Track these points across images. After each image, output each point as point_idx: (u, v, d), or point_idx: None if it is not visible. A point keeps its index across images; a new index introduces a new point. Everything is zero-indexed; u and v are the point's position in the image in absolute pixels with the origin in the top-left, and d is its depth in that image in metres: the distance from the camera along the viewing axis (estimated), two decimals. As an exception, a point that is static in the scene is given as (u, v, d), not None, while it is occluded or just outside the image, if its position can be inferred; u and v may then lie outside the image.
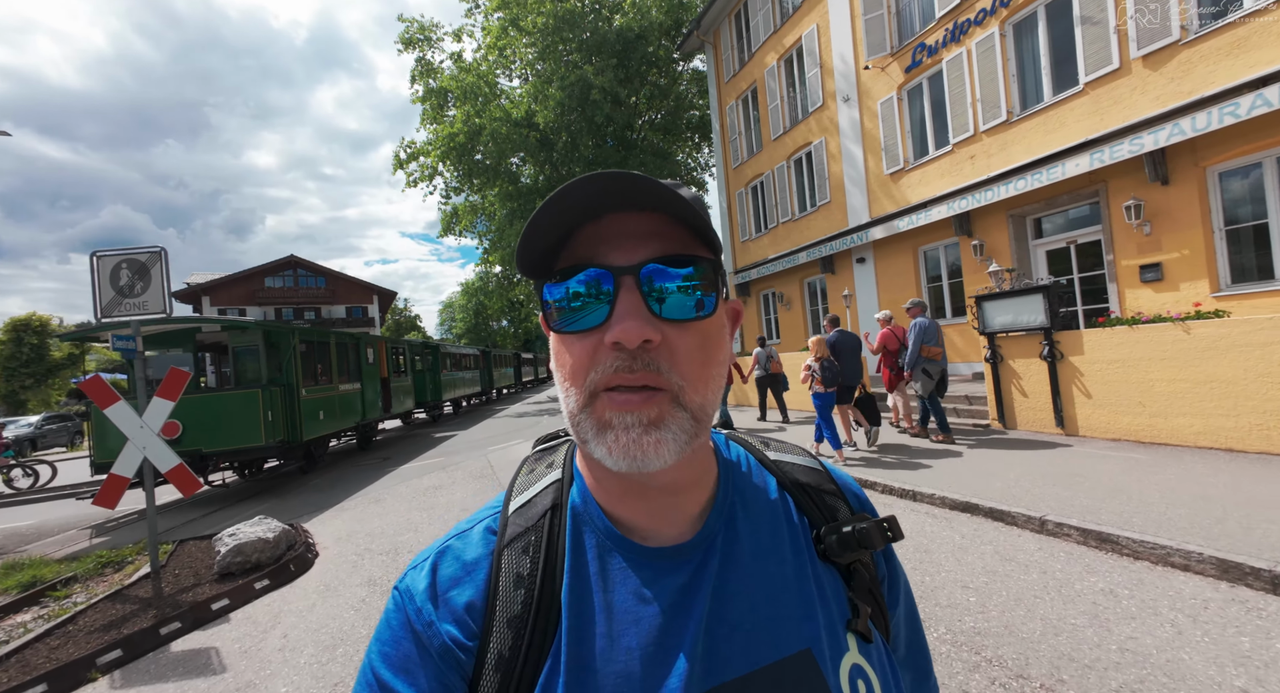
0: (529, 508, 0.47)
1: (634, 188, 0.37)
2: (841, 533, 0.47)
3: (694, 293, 0.40)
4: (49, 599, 4.41)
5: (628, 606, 0.42)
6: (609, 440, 0.39)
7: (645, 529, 0.45)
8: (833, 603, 0.46)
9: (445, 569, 0.45)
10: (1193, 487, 3.65)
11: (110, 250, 4.27)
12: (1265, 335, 4.12)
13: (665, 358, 0.39)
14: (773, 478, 0.52)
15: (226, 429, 7.06)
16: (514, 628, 0.41)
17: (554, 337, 0.43)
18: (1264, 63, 5.88)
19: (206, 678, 2.81)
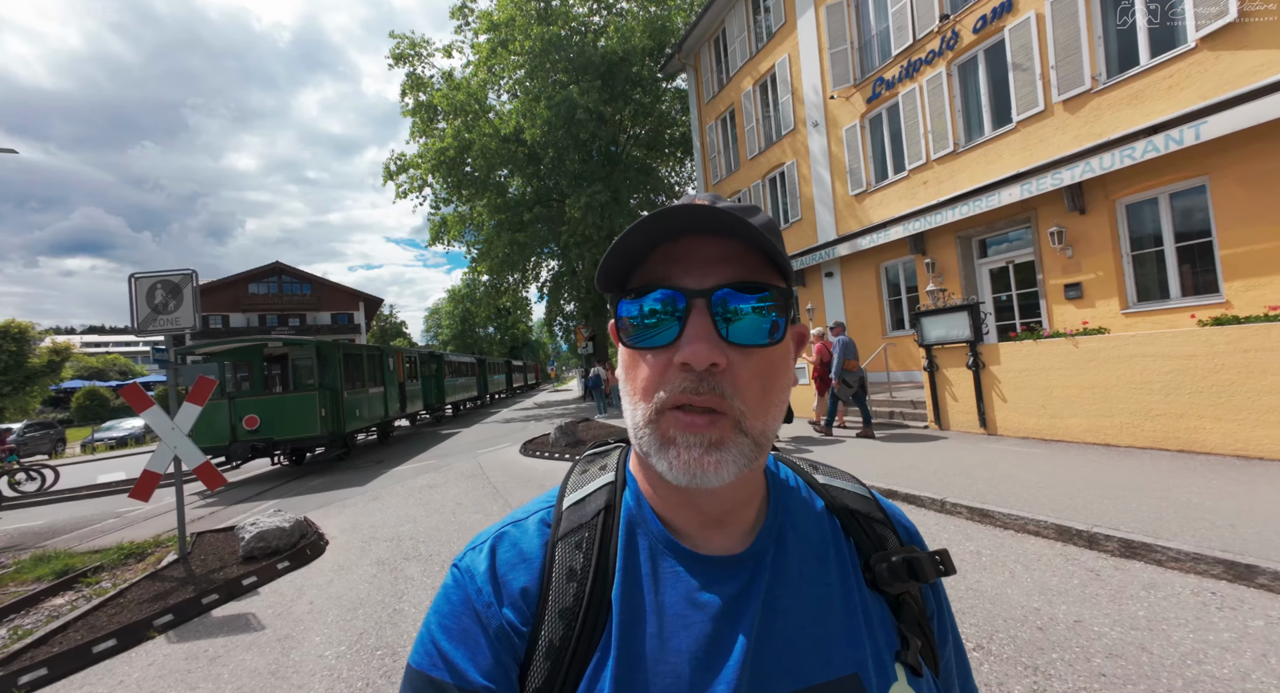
0: (583, 506, 0.48)
1: (710, 214, 0.39)
2: (892, 562, 0.48)
3: (762, 319, 0.41)
4: (82, 585, 4.91)
5: (679, 608, 0.43)
6: (671, 456, 0.40)
7: (697, 538, 0.46)
8: (879, 633, 0.46)
9: (503, 553, 0.46)
10: (1065, 474, 4.44)
11: (146, 273, 4.84)
12: (1131, 349, 4.95)
13: (729, 382, 0.40)
14: (821, 501, 0.53)
15: (291, 422, 9.29)
16: (565, 619, 0.42)
17: (626, 350, 0.44)
18: (1156, 113, 6.83)
19: (250, 634, 3.40)
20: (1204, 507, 3.41)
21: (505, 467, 8.44)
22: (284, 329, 41.99)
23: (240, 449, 8.99)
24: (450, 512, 5.95)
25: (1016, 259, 9.13)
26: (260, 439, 9.06)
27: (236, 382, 9.73)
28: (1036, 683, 2.12)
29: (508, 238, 20.07)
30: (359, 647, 3.06)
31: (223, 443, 8.94)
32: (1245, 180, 6.18)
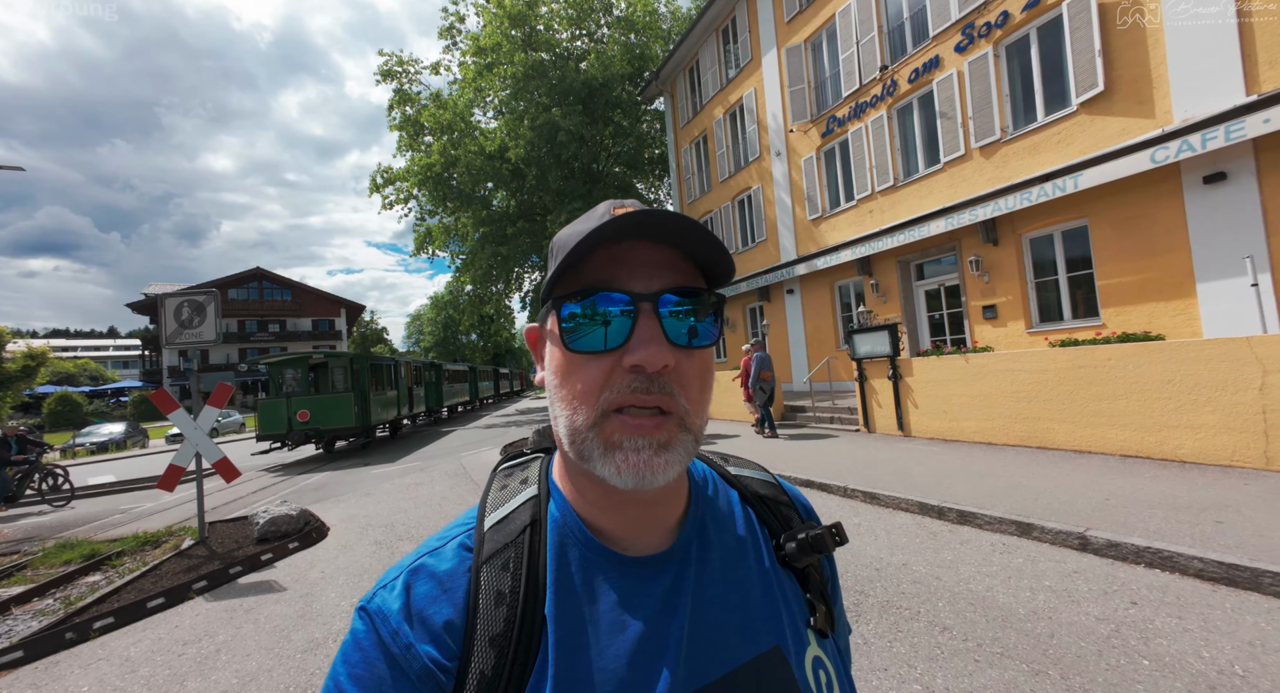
0: (506, 524, 0.47)
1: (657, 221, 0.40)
2: (799, 539, 0.51)
3: (702, 322, 0.44)
4: (108, 567, 5.58)
5: (613, 615, 0.44)
6: (618, 460, 0.40)
7: (626, 540, 0.47)
8: (794, 604, 0.51)
9: (420, 587, 0.44)
10: (945, 466, 5.45)
11: (174, 293, 5.59)
12: (1006, 365, 6.04)
13: (675, 383, 0.41)
14: (734, 491, 0.56)
15: (332, 416, 12.12)
16: (496, 646, 0.41)
17: (561, 354, 0.44)
18: (1048, 163, 8.03)
19: (275, 593, 4.17)
20: (1025, 486, 4.43)
21: (486, 467, 9.23)
22: (264, 335, 41.87)
23: (296, 436, 11.92)
24: (437, 504, 6.73)
25: (946, 282, 10.31)
26: (310, 429, 11.94)
27: (291, 385, 12.53)
28: (857, 600, 3.05)
29: (491, 250, 20.87)
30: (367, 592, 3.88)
31: (282, 431, 11.93)
32: (1115, 224, 7.38)
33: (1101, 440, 5.19)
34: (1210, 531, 3.19)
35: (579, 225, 0.45)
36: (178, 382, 38.06)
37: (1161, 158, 6.52)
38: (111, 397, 38.62)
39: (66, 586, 5.02)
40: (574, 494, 0.48)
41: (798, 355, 13.79)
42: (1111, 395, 5.08)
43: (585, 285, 0.43)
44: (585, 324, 0.42)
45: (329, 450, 13.43)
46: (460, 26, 22.30)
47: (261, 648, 3.24)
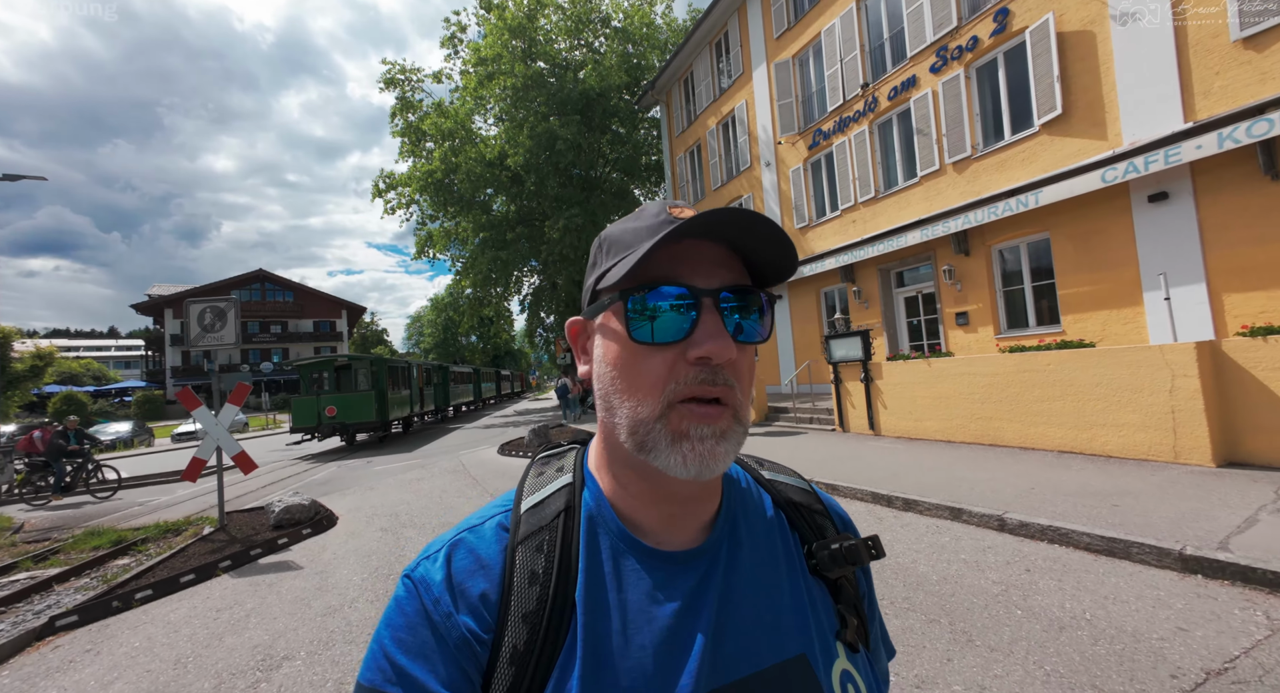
0: (542, 508, 0.48)
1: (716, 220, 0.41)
2: (831, 549, 0.51)
3: (757, 318, 0.46)
4: (135, 552, 6.06)
5: (641, 605, 0.44)
6: (685, 450, 0.41)
7: (658, 534, 0.48)
8: (822, 615, 0.50)
9: (460, 561, 0.46)
10: (904, 461, 5.95)
11: (199, 299, 6.10)
12: (963, 368, 6.54)
13: (733, 375, 0.43)
14: (768, 496, 0.56)
15: (356, 411, 13.95)
16: (529, 624, 0.42)
17: (622, 346, 0.44)
18: (1014, 179, 8.55)
19: (293, 571, 4.66)
20: (967, 478, 4.94)
21: (484, 464, 9.72)
22: (266, 336, 42.36)
23: (325, 429, 13.90)
24: (438, 496, 7.23)
25: (924, 290, 10.82)
26: (336, 423, 13.82)
27: (321, 384, 14.44)
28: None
29: (491, 255, 21.39)
30: (377, 574, 4.37)
31: (313, 424, 13.91)
32: (1073, 237, 7.90)
33: (1043, 438, 5.70)
34: (1105, 513, 3.69)
35: (630, 223, 0.47)
36: (180, 382, 38.52)
37: (1111, 178, 7.04)
38: (115, 396, 39.07)
39: (99, 567, 5.50)
40: (612, 486, 0.49)
41: (786, 359, 14.29)
42: (1051, 397, 5.59)
43: (648, 279, 0.43)
44: (649, 316, 0.43)
45: (351, 442, 15.14)
46: (462, 36, 22.88)
47: (285, 613, 3.73)
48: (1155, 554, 3.07)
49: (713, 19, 16.15)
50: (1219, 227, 6.33)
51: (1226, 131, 5.98)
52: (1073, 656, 2.33)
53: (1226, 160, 6.19)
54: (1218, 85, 6.30)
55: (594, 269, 0.49)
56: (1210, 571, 2.87)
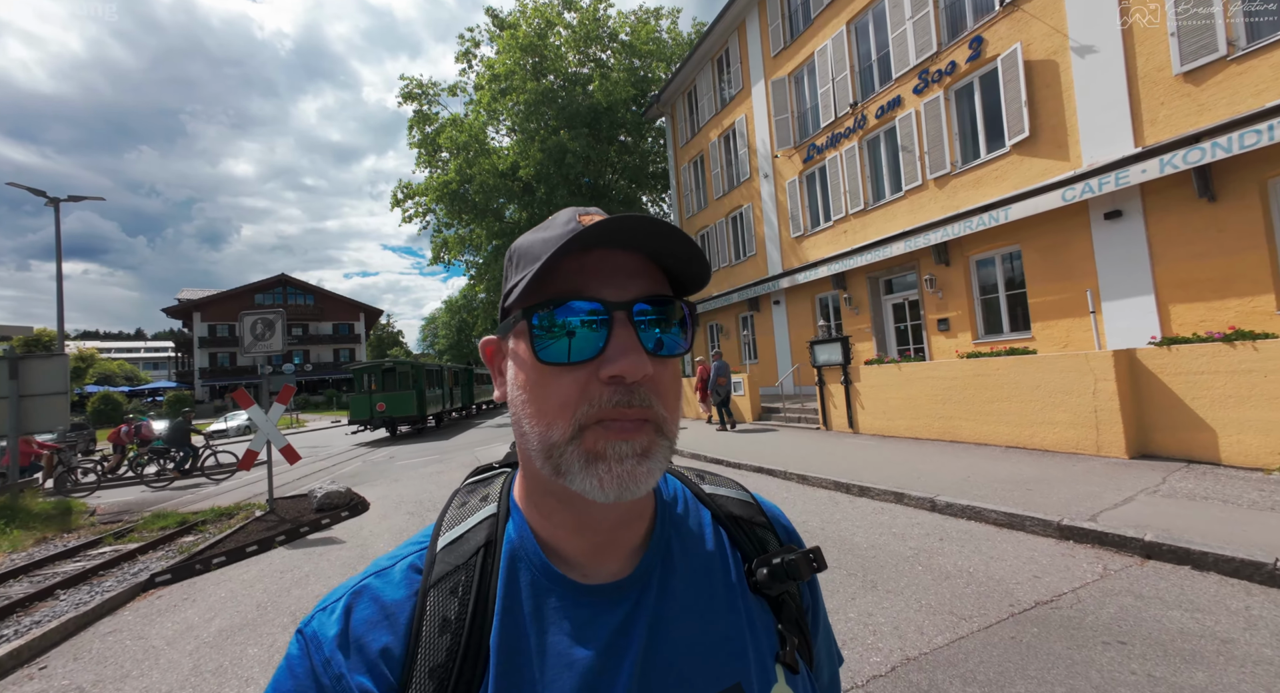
0: (460, 544, 0.45)
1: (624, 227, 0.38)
2: (771, 565, 0.48)
3: (676, 330, 0.43)
4: (197, 531, 6.98)
5: (562, 648, 0.41)
6: (600, 471, 0.38)
7: (585, 565, 0.45)
8: (762, 635, 0.47)
9: (360, 612, 0.42)
10: (871, 455, 6.64)
11: (251, 311, 7.00)
12: (927, 372, 7.21)
13: (652, 392, 0.40)
14: (708, 512, 0.53)
15: (400, 406, 16.74)
16: (436, 678, 0.39)
17: (530, 367, 0.41)
18: (989, 195, 9.17)
19: (337, 544, 5.51)
20: (918, 469, 5.62)
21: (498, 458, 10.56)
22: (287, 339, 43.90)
23: (376, 421, 16.84)
24: (458, 483, 8.06)
25: (910, 297, 11.44)
26: (386, 416, 16.65)
27: (372, 384, 17.42)
28: (759, 541, 4.30)
29: (503, 262, 22.35)
30: (409, 546, 5.20)
31: (367, 417, 16.81)
32: (1041, 250, 8.50)
33: (993, 435, 6.35)
34: (1019, 495, 4.38)
35: (539, 233, 0.44)
36: (207, 383, 40.17)
37: (1070, 197, 7.65)
38: (147, 396, 40.84)
39: (171, 543, 6.41)
40: (534, 515, 0.46)
41: (783, 362, 14.95)
42: (999, 398, 6.24)
43: (554, 294, 0.40)
44: (557, 334, 0.39)
45: (393, 433, 18.08)
46: (476, 51, 23.94)
47: (337, 574, 4.57)
48: (1041, 526, 3.76)
49: (714, 36, 16.90)
50: (1165, 243, 6.93)
51: (1167, 157, 6.59)
52: (946, 595, 3.05)
53: (1170, 183, 6.79)
54: (1162, 114, 6.90)
55: (505, 283, 0.46)
56: (1078, 537, 3.56)
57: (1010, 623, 2.67)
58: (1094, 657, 2.31)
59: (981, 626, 2.67)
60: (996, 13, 8.86)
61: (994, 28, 8.98)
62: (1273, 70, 5.95)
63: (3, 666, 3.31)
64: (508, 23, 22.11)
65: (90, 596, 4.56)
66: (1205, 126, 6.37)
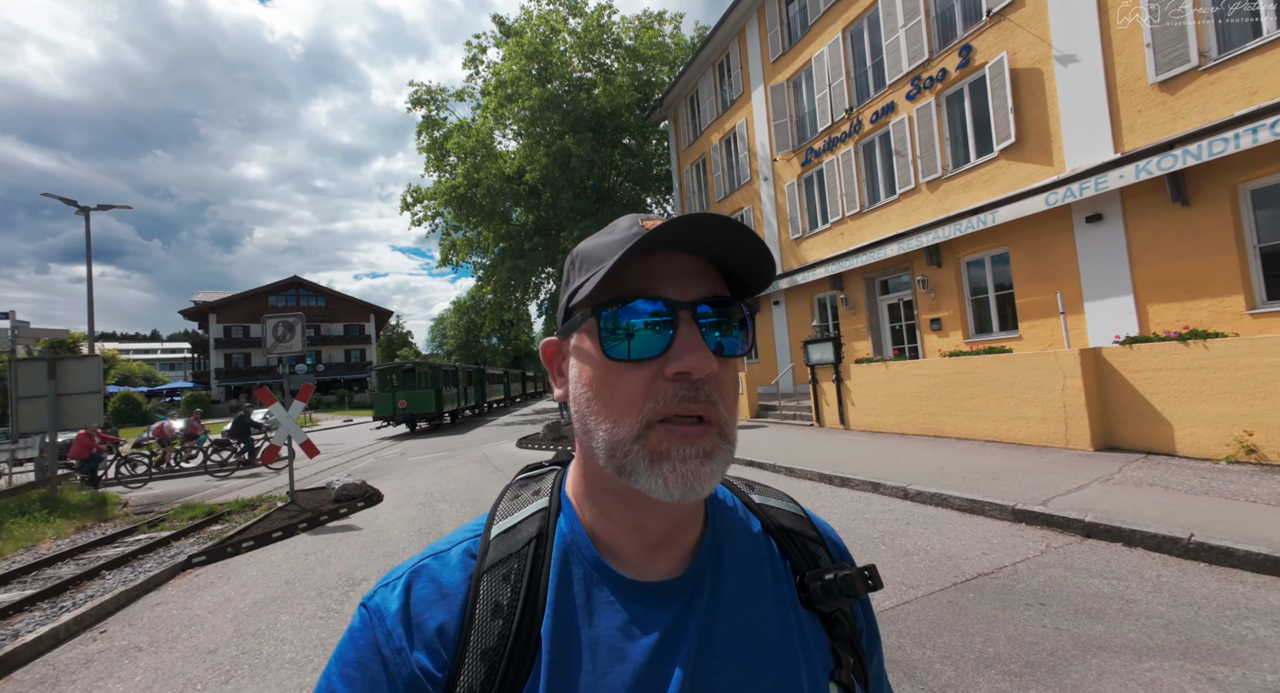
0: (512, 534, 0.46)
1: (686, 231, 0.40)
2: (825, 581, 0.48)
3: (738, 330, 0.43)
4: (224, 520, 7.45)
5: (613, 641, 0.42)
6: (665, 471, 0.39)
7: (637, 563, 0.45)
8: (814, 651, 0.46)
9: (420, 590, 0.44)
10: (858, 450, 6.96)
11: (273, 314, 7.47)
12: (912, 370, 7.51)
13: (715, 391, 0.41)
14: (757, 521, 0.53)
15: (420, 404, 18.36)
16: (488, 661, 0.40)
17: (597, 365, 0.42)
18: (978, 198, 9.45)
19: (354, 531, 5.94)
20: (899, 462, 5.95)
21: (504, 456, 10.99)
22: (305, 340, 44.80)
23: (398, 417, 18.51)
24: (465, 480, 8.49)
25: (904, 298, 11.72)
26: (407, 413, 18.30)
27: (395, 383, 18.92)
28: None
29: (510, 264, 22.83)
30: (420, 533, 5.62)
31: (390, 414, 18.45)
32: (1028, 252, 8.77)
33: (973, 429, 6.66)
34: (984, 484, 4.70)
35: (602, 237, 0.45)
36: (224, 383, 41.10)
37: (1053, 201, 7.92)
38: (165, 396, 41.87)
39: (200, 531, 6.89)
40: (590, 511, 0.47)
41: (783, 360, 15.26)
42: (978, 395, 6.55)
43: (621, 294, 0.42)
44: (623, 333, 0.41)
45: (413, 428, 19.57)
46: (483, 57, 24.45)
47: (356, 555, 4.99)
48: (998, 510, 4.09)
49: (715, 42, 17.23)
50: (1143, 246, 7.19)
51: (1143, 163, 6.85)
52: (902, 569, 3.40)
53: (1147, 188, 7.05)
54: (1140, 122, 7.16)
55: (567, 287, 0.47)
56: (1029, 519, 3.89)
57: (951, 590, 3.02)
58: (1014, 615, 2.66)
59: (926, 593, 3.03)
60: (984, 22, 9.14)
61: (982, 36, 9.26)
62: (1241, 80, 6.21)
63: (69, 630, 3.77)
64: (514, 29, 22.59)
65: (134, 575, 5.02)
66: (1179, 134, 6.64)
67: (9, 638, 3.73)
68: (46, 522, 7.25)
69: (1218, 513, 3.43)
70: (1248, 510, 3.44)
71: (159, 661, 3.23)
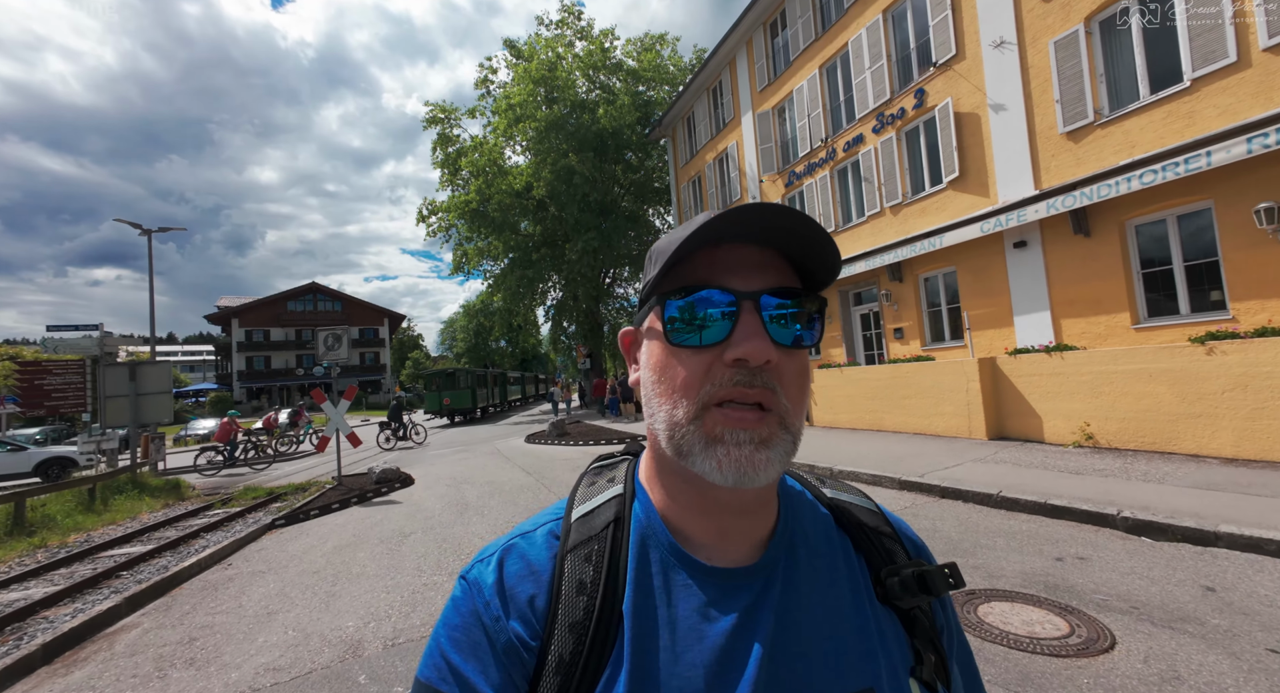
0: (591, 518, 0.48)
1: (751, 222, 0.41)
2: (903, 576, 0.48)
3: (803, 323, 0.44)
4: (282, 499, 8.89)
5: (692, 621, 0.43)
6: (719, 454, 0.40)
7: (710, 548, 0.46)
8: (893, 647, 0.46)
9: (511, 566, 0.47)
10: (813, 444, 8.26)
11: (325, 328, 8.92)
12: (860, 375, 8.81)
13: (776, 380, 0.41)
14: (829, 515, 0.53)
15: (460, 401, 24.79)
16: (575, 633, 0.42)
17: (662, 350, 0.45)
18: (931, 223, 10.74)
19: (397, 504, 7.35)
20: (839, 450, 7.26)
21: (514, 449, 12.41)
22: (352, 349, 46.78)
23: (444, 412, 24.30)
24: (481, 468, 9.90)
25: (873, 309, 13.01)
26: (450, 408, 24.19)
27: (440, 384, 24.69)
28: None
29: (519, 273, 24.34)
30: (449, 506, 7.01)
31: (437, 408, 24.05)
32: (971, 271, 10.05)
33: (906, 424, 7.95)
34: (891, 464, 6.02)
35: (677, 232, 0.46)
36: (245, 384, 42.97)
37: (988, 228, 9.21)
38: (191, 397, 43.83)
39: (265, 507, 8.34)
40: (663, 497, 0.48)
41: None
42: (910, 395, 7.85)
43: (687, 283, 0.43)
44: (688, 320, 0.42)
45: (453, 420, 25.05)
46: (494, 77, 26.05)
47: (402, 519, 6.40)
48: (890, 481, 5.42)
49: (710, 69, 18.62)
50: (1057, 269, 8.46)
51: (1053, 200, 8.13)
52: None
53: (1058, 220, 8.32)
54: (1053, 164, 8.45)
55: (644, 278, 0.49)
56: (910, 487, 5.21)
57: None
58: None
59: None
60: (932, 71, 10.46)
61: (933, 82, 10.57)
62: (1124, 135, 7.49)
63: (206, 564, 5.20)
64: (523, 53, 24.13)
65: (227, 535, 6.47)
66: (1081, 177, 7.91)
67: (158, 571, 5.17)
68: (139, 500, 8.75)
69: (1030, 479, 4.74)
70: (1050, 476, 4.74)
71: (280, 577, 4.64)
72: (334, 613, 3.72)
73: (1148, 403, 5.44)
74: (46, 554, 6.18)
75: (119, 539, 6.56)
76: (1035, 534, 3.78)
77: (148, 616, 4.05)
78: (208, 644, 3.42)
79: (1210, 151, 6.32)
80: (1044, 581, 3.08)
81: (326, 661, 3.05)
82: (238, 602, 4.14)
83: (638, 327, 0.50)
